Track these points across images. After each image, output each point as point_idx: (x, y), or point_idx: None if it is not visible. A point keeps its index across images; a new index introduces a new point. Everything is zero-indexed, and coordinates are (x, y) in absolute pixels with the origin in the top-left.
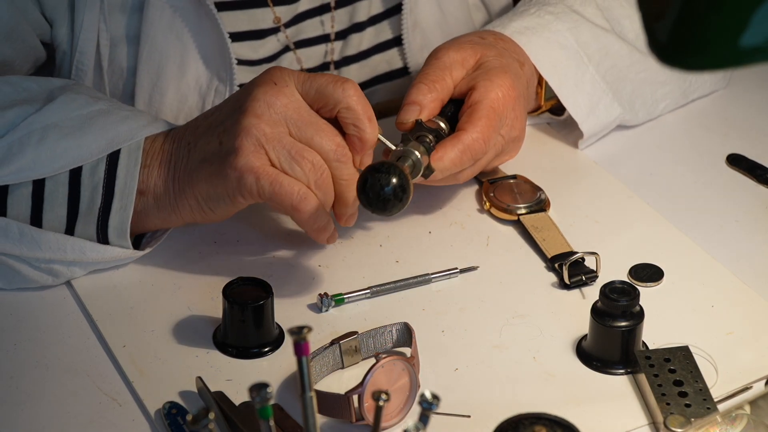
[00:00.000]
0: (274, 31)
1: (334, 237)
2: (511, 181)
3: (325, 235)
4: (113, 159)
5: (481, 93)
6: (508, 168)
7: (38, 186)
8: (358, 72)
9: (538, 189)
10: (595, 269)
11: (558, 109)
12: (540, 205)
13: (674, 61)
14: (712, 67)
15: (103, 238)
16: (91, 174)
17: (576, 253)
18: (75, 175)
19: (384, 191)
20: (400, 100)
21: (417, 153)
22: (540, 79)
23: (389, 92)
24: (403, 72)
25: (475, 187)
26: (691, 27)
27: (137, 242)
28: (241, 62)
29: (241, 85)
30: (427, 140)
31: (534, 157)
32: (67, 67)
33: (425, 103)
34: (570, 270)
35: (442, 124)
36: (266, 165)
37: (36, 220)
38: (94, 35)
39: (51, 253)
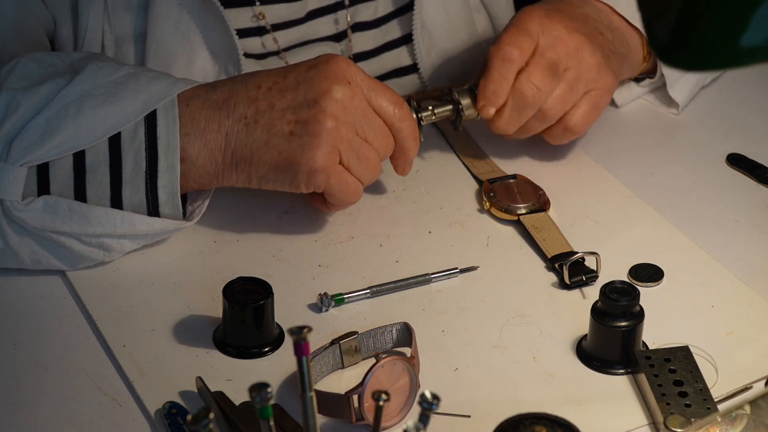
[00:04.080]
0: (281, 27)
1: None
2: (511, 181)
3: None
4: (151, 121)
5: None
6: (508, 168)
7: (79, 158)
8: (367, 68)
9: (538, 189)
10: (595, 269)
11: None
12: (540, 205)
13: (674, 61)
14: (712, 67)
15: (153, 200)
16: (131, 139)
17: (576, 253)
18: (114, 142)
19: None
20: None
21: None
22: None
23: (399, 88)
24: (413, 69)
25: (475, 187)
26: (691, 27)
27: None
28: (248, 56)
29: None
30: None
31: (534, 157)
32: None
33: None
34: (570, 270)
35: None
36: (337, 163)
37: (80, 191)
38: (99, 35)
39: (101, 228)
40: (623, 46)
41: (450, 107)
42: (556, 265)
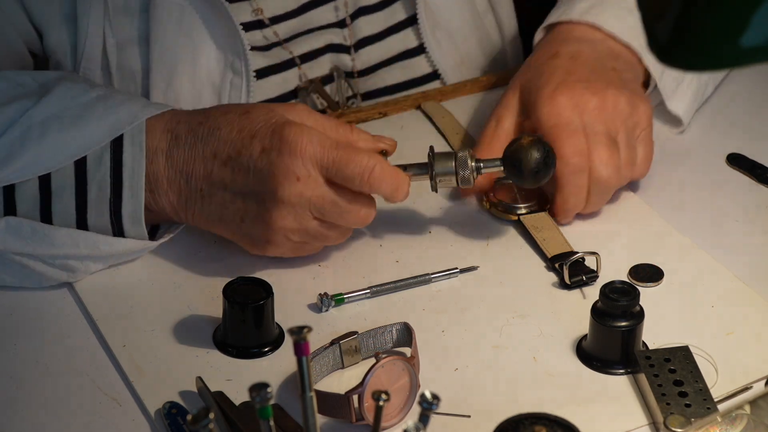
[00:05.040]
0: (279, 19)
1: None
2: (511, 181)
3: None
4: (117, 147)
5: (536, 122)
6: None
7: (44, 180)
8: (374, 53)
9: (539, 189)
10: (595, 269)
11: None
12: (540, 205)
13: (674, 61)
14: (712, 67)
15: (118, 226)
16: (96, 164)
17: (576, 253)
18: (80, 165)
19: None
20: (417, 78)
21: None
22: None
23: (407, 71)
24: (420, 50)
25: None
26: (691, 27)
27: (152, 232)
28: (253, 48)
29: (257, 72)
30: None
31: None
32: None
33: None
34: (570, 270)
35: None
36: (292, 244)
37: (45, 213)
38: (100, 40)
39: (65, 249)
40: (630, 69)
41: (426, 174)
42: (556, 265)
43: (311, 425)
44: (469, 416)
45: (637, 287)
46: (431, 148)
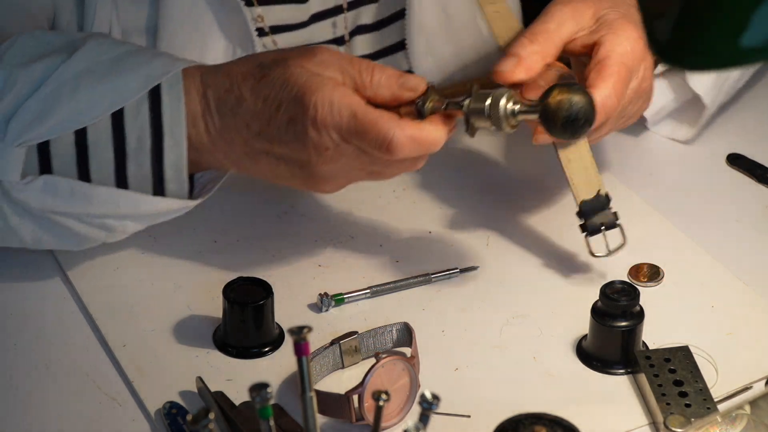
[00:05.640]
0: (281, 30)
1: None
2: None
3: None
4: (154, 99)
5: (608, 48)
6: (511, 169)
7: (80, 135)
8: None
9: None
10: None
11: None
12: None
13: (674, 61)
14: (712, 67)
15: (159, 176)
16: (134, 115)
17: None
18: (117, 118)
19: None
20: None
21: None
22: None
23: None
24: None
25: (476, 186)
26: (691, 27)
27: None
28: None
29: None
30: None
31: (534, 157)
32: None
33: (524, 56)
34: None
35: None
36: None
37: (83, 168)
38: (107, 27)
39: (104, 208)
40: None
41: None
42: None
43: (311, 425)
44: (469, 416)
45: (637, 287)
46: (474, 81)
